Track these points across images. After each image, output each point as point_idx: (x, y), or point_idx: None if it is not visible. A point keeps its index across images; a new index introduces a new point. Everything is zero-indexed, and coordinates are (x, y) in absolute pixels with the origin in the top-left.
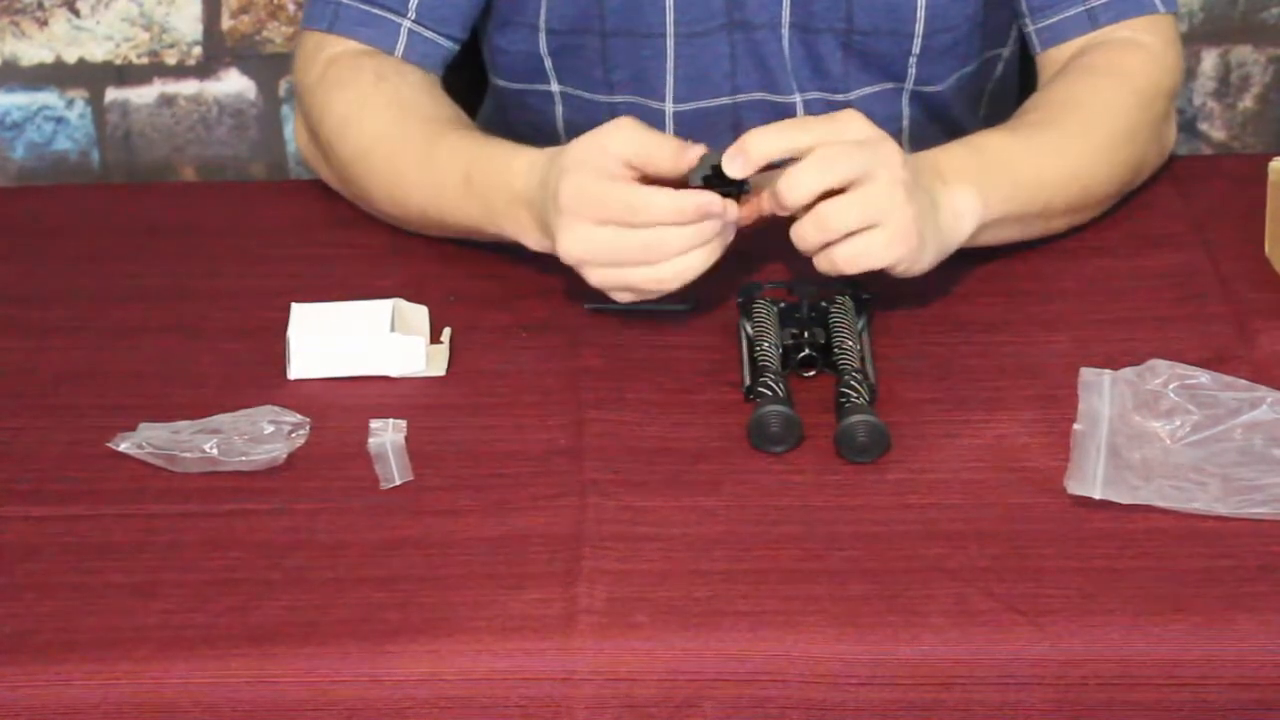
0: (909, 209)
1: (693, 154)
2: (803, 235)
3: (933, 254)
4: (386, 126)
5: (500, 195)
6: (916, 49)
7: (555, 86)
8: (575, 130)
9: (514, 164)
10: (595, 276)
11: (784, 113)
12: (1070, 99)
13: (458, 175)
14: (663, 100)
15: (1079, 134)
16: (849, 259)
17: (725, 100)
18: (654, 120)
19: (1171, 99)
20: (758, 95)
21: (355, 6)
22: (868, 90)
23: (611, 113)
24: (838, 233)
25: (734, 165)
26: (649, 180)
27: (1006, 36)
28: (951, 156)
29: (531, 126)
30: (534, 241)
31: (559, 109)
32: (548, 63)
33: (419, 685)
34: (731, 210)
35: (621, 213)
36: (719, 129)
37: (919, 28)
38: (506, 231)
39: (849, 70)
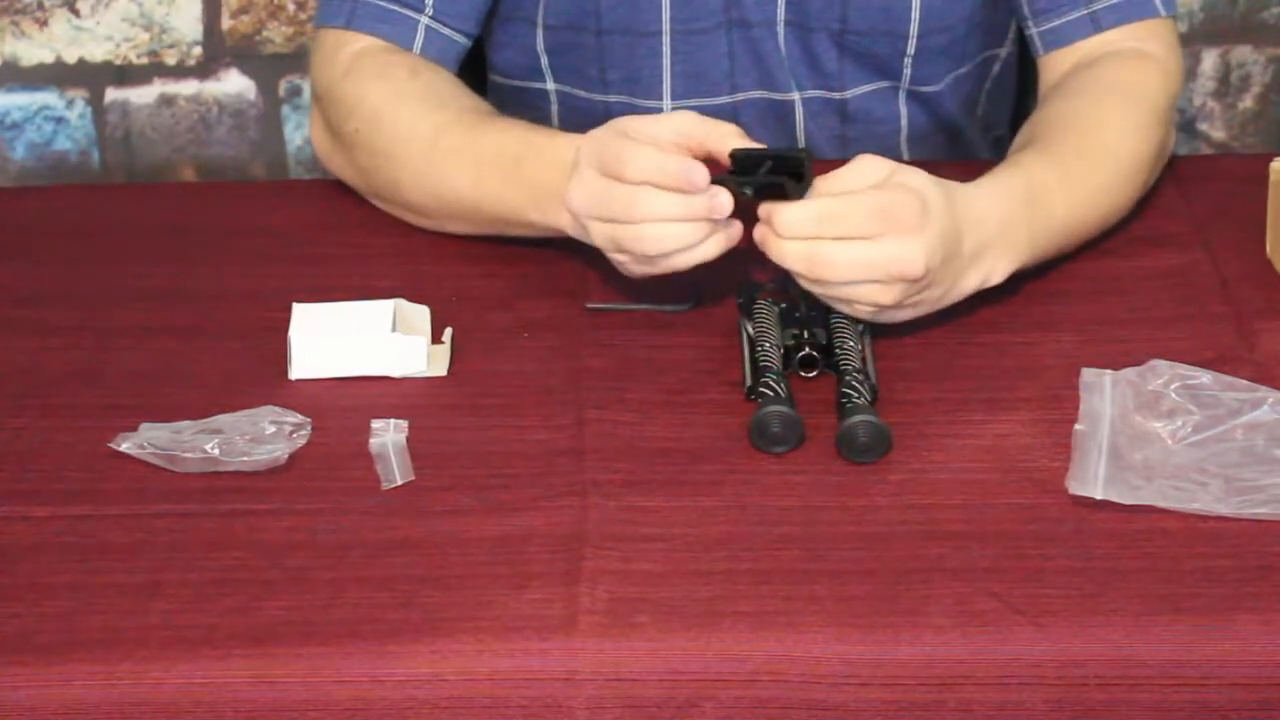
0: (933, 301)
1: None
2: (829, 299)
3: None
4: (426, 114)
5: (552, 175)
6: (911, 49)
7: (551, 85)
8: (570, 131)
9: (567, 144)
10: (592, 231)
11: (783, 111)
12: (1099, 127)
13: (507, 159)
14: (659, 99)
15: (1107, 170)
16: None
17: (724, 99)
18: None
19: (1175, 105)
20: (756, 93)
21: (373, 3)
22: (865, 89)
23: (607, 113)
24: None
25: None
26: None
27: (1004, 37)
28: (1012, 210)
29: None
30: (573, 225)
31: (554, 108)
32: (544, 60)
33: (420, 685)
34: (724, 204)
35: (611, 163)
36: None
37: (913, 28)
38: (548, 215)
39: (845, 69)
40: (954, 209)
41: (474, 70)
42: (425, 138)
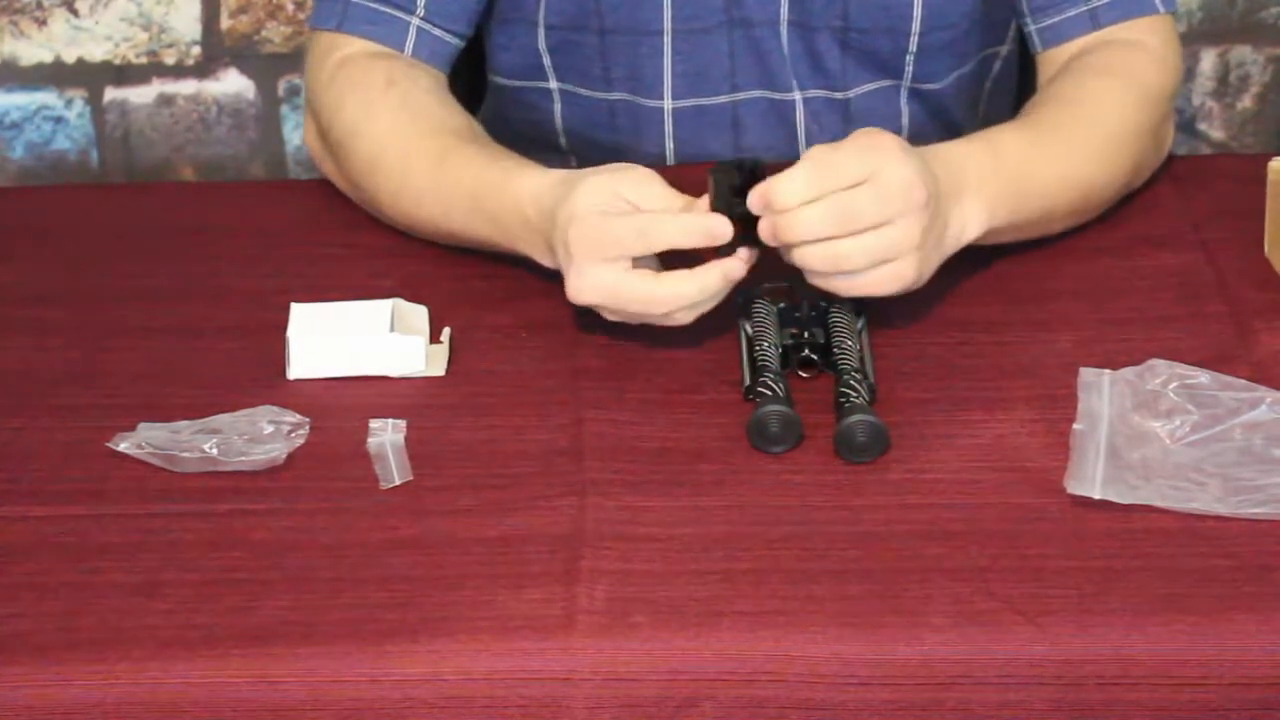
0: (922, 247)
1: (701, 204)
2: (807, 262)
3: (932, 270)
4: (394, 136)
5: (510, 218)
6: (913, 47)
7: (553, 84)
8: (573, 129)
9: (522, 188)
10: (610, 316)
11: (784, 110)
12: (1080, 100)
13: (465, 194)
14: (661, 98)
15: (1087, 138)
16: (850, 289)
17: (724, 98)
18: (652, 118)
19: (1172, 100)
20: (757, 93)
21: (364, 5)
22: (867, 87)
23: (610, 111)
24: (848, 271)
25: (755, 204)
26: None
27: (1005, 35)
28: (972, 160)
29: (530, 125)
30: (549, 261)
31: (557, 107)
32: (546, 60)
33: (419, 685)
34: (736, 265)
35: (633, 241)
36: (718, 126)
37: (915, 26)
38: (520, 249)
39: (847, 67)
40: (924, 154)
41: (475, 72)
42: (392, 160)
